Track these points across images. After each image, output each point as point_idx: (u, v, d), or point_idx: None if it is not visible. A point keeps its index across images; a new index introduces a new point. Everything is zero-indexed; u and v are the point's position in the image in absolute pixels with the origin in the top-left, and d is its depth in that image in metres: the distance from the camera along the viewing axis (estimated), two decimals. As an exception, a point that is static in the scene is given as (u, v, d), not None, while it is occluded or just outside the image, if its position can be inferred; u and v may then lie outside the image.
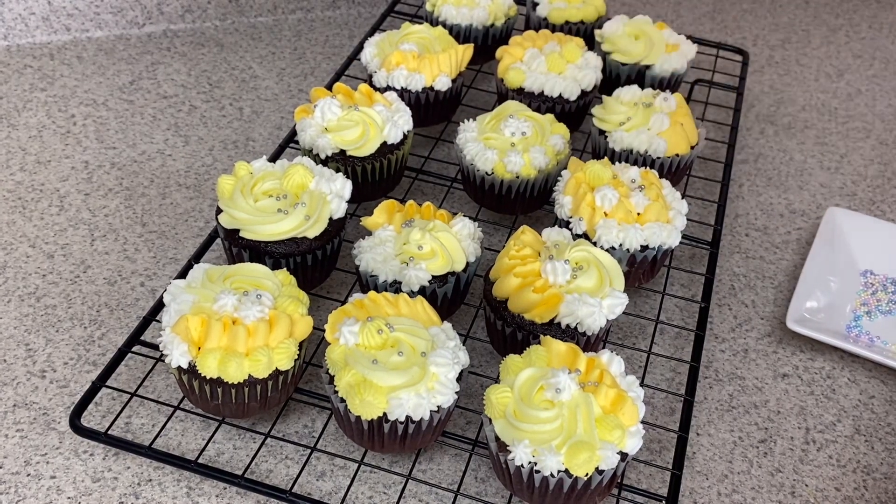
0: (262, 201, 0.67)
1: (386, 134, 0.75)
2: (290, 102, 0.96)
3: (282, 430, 0.64)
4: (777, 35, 1.15)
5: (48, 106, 0.92)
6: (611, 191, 0.69)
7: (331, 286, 0.75)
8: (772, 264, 0.81)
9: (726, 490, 0.63)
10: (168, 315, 0.59)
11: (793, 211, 0.87)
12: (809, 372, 0.72)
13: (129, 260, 0.76)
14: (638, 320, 0.74)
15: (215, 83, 0.98)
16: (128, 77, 0.97)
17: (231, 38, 1.05)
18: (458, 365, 0.58)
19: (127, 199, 0.82)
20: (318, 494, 0.60)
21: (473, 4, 0.93)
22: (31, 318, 0.71)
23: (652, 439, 0.65)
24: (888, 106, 1.02)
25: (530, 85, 0.83)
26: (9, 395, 0.65)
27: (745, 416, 0.68)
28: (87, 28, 1.02)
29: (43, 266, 0.75)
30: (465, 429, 0.65)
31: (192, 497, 0.60)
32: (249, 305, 0.58)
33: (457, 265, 0.66)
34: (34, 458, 0.61)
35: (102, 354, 0.69)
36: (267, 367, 0.57)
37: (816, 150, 0.95)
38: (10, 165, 0.85)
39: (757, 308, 0.77)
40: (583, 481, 0.53)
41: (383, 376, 0.55)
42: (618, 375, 0.57)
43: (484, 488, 0.62)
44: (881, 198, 0.89)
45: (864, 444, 0.67)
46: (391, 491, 0.61)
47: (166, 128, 0.91)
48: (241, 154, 0.89)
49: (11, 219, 0.79)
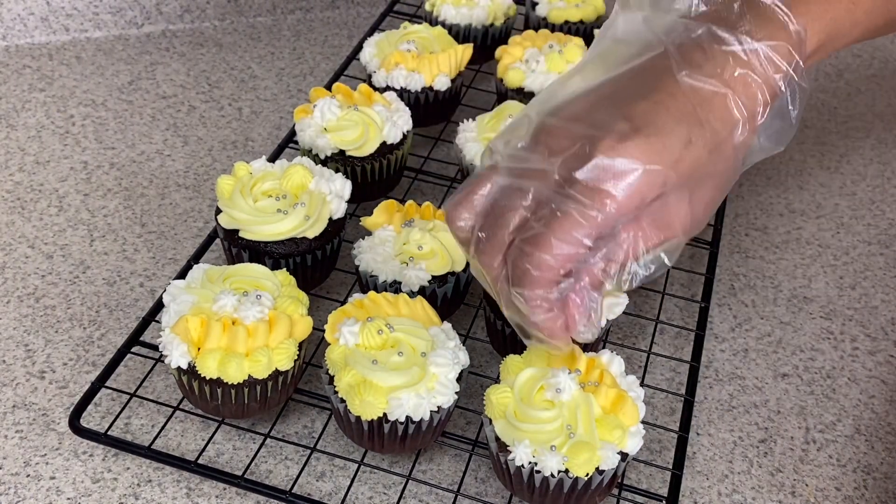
0: (261, 201, 0.67)
1: (385, 134, 0.75)
2: (290, 102, 0.96)
3: (281, 430, 0.64)
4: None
5: (47, 106, 0.92)
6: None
7: (331, 286, 0.75)
8: (772, 264, 0.81)
9: (726, 490, 0.63)
10: (167, 315, 0.59)
11: (793, 211, 0.87)
12: (809, 372, 0.71)
13: (129, 260, 0.76)
14: (638, 320, 0.74)
15: (214, 83, 0.98)
16: (127, 77, 0.97)
17: (230, 39, 1.05)
18: (458, 365, 0.58)
19: (126, 200, 0.82)
20: (318, 495, 0.60)
21: (473, 4, 0.93)
22: (31, 319, 0.71)
23: (652, 439, 0.65)
24: (888, 106, 1.02)
25: (530, 85, 0.83)
26: (8, 396, 0.65)
27: (745, 415, 0.68)
28: (85, 28, 1.02)
29: (42, 266, 0.75)
30: (465, 429, 0.65)
31: (192, 498, 0.60)
32: (249, 306, 0.58)
33: (457, 265, 0.66)
34: (34, 459, 0.61)
35: (102, 355, 0.68)
36: (267, 367, 0.57)
37: (816, 150, 0.95)
38: (8, 166, 0.85)
39: (757, 308, 0.77)
40: (583, 481, 0.53)
41: (383, 376, 0.55)
42: (618, 375, 0.57)
43: (484, 489, 0.62)
44: (881, 197, 0.89)
45: (865, 443, 0.67)
46: (391, 491, 0.61)
47: (165, 128, 0.91)
48: (241, 154, 0.89)
49: (10, 219, 0.79)
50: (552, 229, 0.47)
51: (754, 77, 0.50)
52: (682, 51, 0.50)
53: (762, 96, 0.50)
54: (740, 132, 0.50)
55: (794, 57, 0.51)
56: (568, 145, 0.48)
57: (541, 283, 0.48)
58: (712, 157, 0.49)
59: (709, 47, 0.50)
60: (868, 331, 0.75)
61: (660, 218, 0.49)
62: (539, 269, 0.48)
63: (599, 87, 0.51)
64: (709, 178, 0.51)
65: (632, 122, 0.48)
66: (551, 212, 0.48)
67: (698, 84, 0.49)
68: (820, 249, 0.83)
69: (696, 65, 0.50)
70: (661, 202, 0.49)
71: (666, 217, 0.50)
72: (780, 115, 0.53)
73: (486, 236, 0.50)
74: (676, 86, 0.49)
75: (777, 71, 0.51)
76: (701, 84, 0.49)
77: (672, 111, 0.48)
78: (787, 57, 0.51)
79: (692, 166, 0.49)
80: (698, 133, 0.49)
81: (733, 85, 0.50)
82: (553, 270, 0.48)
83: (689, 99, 0.49)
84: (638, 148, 0.47)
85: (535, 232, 0.48)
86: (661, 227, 0.50)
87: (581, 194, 0.47)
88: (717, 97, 0.49)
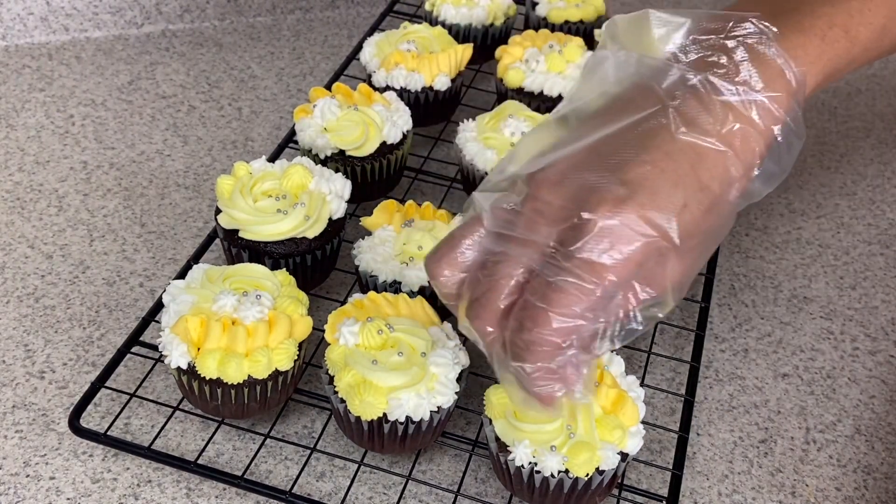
0: (261, 201, 0.67)
1: (385, 134, 0.75)
2: (289, 102, 0.96)
3: (281, 430, 0.64)
4: (776, 35, 1.15)
5: (46, 106, 0.92)
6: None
7: (330, 286, 0.75)
8: (772, 264, 0.81)
9: (727, 490, 0.63)
10: (167, 316, 0.59)
11: (793, 211, 0.87)
12: (809, 372, 0.71)
13: (128, 260, 0.76)
14: (638, 320, 0.74)
15: (214, 83, 0.98)
16: (126, 77, 0.97)
17: (230, 38, 1.05)
18: (459, 365, 0.58)
19: (126, 200, 0.82)
20: (318, 495, 0.60)
21: (472, 4, 0.93)
22: (30, 319, 0.71)
23: (652, 439, 0.65)
24: (888, 105, 1.02)
25: (530, 85, 0.83)
26: (8, 396, 0.65)
27: (745, 416, 0.68)
28: (85, 28, 1.02)
29: (42, 267, 0.75)
30: (465, 429, 0.65)
31: (192, 498, 0.60)
32: (249, 306, 0.58)
33: (456, 265, 0.66)
34: (33, 459, 0.61)
35: (101, 355, 0.68)
36: (266, 367, 0.57)
37: (816, 150, 0.95)
38: (8, 166, 0.85)
39: (757, 308, 0.76)
40: (583, 482, 0.53)
41: (383, 377, 0.55)
42: (618, 375, 0.57)
43: (484, 489, 0.62)
44: (881, 197, 0.89)
45: (865, 444, 0.67)
46: (391, 492, 0.61)
47: (165, 128, 0.91)
48: (240, 154, 0.88)
49: (10, 219, 0.79)
50: (551, 304, 0.45)
51: (752, 131, 0.48)
52: (680, 105, 0.48)
53: (759, 149, 0.49)
54: (736, 189, 0.49)
55: (792, 105, 0.50)
56: (560, 214, 0.46)
57: (542, 356, 0.47)
58: (707, 217, 0.48)
59: (708, 99, 0.48)
60: (868, 331, 0.75)
61: (651, 277, 0.47)
62: (540, 344, 0.46)
63: (593, 145, 0.48)
64: (702, 236, 0.49)
65: (628, 186, 0.46)
66: (547, 285, 0.46)
67: (696, 142, 0.47)
68: (820, 249, 0.83)
69: (693, 121, 0.48)
70: (654, 263, 0.47)
71: (658, 277, 0.48)
72: (774, 160, 0.51)
73: (480, 302, 0.48)
74: (673, 144, 0.47)
75: (776, 122, 0.49)
76: (699, 142, 0.47)
77: (668, 174, 0.46)
78: (786, 106, 0.49)
79: (687, 231, 0.47)
80: (694, 196, 0.47)
81: (732, 141, 0.48)
82: (554, 345, 0.46)
83: (687, 158, 0.47)
84: (634, 215, 0.45)
85: (534, 308, 0.46)
86: (652, 286, 0.48)
87: (578, 268, 0.45)
88: (715, 155, 0.47)
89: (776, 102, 0.49)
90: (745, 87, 0.49)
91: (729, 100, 0.48)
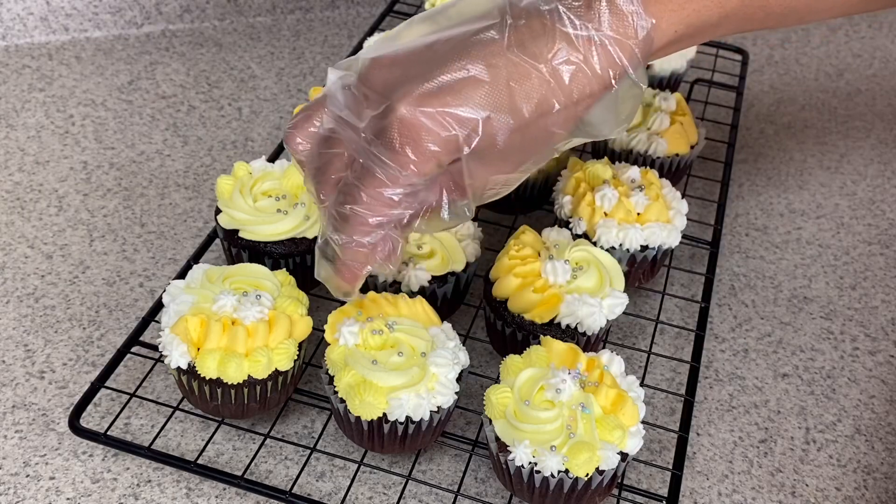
0: (261, 201, 0.67)
1: (385, 134, 0.74)
2: (289, 102, 0.96)
3: (281, 430, 0.64)
4: (776, 34, 1.15)
5: (46, 106, 0.92)
6: (611, 190, 0.69)
7: (330, 286, 0.75)
8: (772, 264, 0.81)
9: (727, 490, 0.63)
10: (167, 316, 0.59)
11: (793, 211, 0.87)
12: (809, 372, 0.71)
13: (128, 260, 0.76)
14: (638, 320, 0.74)
15: (214, 83, 0.98)
16: (126, 77, 0.97)
17: (230, 38, 1.05)
18: (458, 365, 0.58)
19: (126, 200, 0.82)
20: (318, 495, 0.60)
21: (472, 4, 0.93)
22: (30, 319, 0.71)
23: (652, 439, 0.65)
24: (888, 106, 1.02)
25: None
26: (8, 396, 0.65)
27: (745, 416, 0.68)
28: (85, 28, 1.02)
29: (42, 267, 0.75)
30: (465, 429, 0.65)
31: (192, 498, 0.59)
32: (249, 306, 0.58)
33: (456, 265, 0.66)
34: (33, 459, 0.61)
35: (101, 355, 0.68)
36: (266, 367, 0.57)
37: (816, 150, 0.94)
38: (8, 166, 0.85)
39: (757, 308, 0.76)
40: (583, 482, 0.53)
41: (383, 377, 0.55)
42: (618, 375, 0.57)
43: (484, 489, 0.62)
44: (881, 197, 0.89)
45: (865, 443, 0.67)
46: (391, 492, 0.61)
47: (165, 128, 0.91)
48: (240, 154, 0.88)
49: (10, 219, 0.79)
50: (363, 184, 0.50)
51: (583, 66, 0.49)
52: (521, 25, 0.49)
53: (591, 89, 0.50)
54: (557, 120, 0.50)
55: (634, 53, 0.50)
56: (376, 100, 0.49)
57: (355, 231, 0.51)
58: (514, 136, 0.49)
59: (549, 28, 0.49)
60: (868, 331, 0.75)
61: (459, 179, 0.51)
62: (353, 218, 0.50)
63: (431, 43, 0.50)
64: (511, 154, 0.51)
65: (437, 84, 0.48)
66: (361, 166, 0.50)
67: (521, 63, 0.49)
68: (820, 249, 0.83)
69: (526, 43, 0.49)
70: (460, 166, 0.50)
71: (458, 180, 0.51)
72: (608, 106, 0.51)
73: (319, 169, 0.52)
74: (499, 59, 0.48)
75: (613, 67, 0.50)
76: (524, 64, 0.49)
77: (482, 85, 0.48)
78: (629, 53, 0.50)
79: (487, 141, 0.49)
80: (501, 112, 0.48)
81: (559, 73, 0.49)
82: (364, 221, 0.50)
83: (507, 75, 0.48)
84: (433, 111, 0.48)
85: (350, 185, 0.50)
86: (458, 188, 0.51)
87: (383, 155, 0.49)
88: (537, 81, 0.49)
89: (618, 46, 0.50)
90: (591, 25, 0.49)
91: (569, 32, 0.49)
